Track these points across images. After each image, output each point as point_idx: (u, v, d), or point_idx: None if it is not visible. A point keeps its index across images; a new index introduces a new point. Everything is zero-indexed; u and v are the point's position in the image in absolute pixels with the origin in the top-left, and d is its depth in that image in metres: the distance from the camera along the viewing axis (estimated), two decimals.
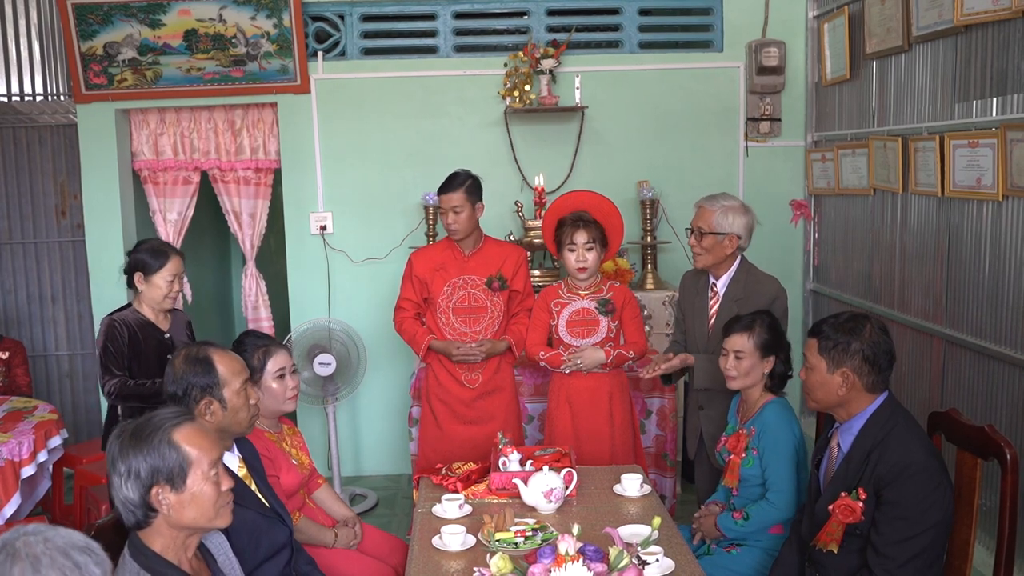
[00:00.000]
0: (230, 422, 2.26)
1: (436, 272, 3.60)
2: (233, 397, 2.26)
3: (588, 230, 3.31)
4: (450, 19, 4.80)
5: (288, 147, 4.82)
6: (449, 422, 3.65)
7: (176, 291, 3.31)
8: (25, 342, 4.90)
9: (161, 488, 1.72)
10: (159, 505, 1.72)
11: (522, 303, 3.67)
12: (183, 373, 2.23)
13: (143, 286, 3.29)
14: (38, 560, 1.26)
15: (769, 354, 2.73)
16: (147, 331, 3.30)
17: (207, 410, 2.23)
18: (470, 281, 3.60)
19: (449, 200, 3.50)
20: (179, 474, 1.73)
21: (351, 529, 2.86)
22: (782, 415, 2.68)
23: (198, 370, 2.23)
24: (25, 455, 3.54)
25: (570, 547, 1.92)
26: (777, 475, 2.61)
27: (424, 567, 2.31)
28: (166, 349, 3.30)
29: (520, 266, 3.66)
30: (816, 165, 4.59)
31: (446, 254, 3.64)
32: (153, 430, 1.74)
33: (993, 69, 3.11)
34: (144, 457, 1.71)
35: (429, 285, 3.61)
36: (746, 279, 3.10)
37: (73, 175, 4.94)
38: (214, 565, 1.92)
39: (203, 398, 2.23)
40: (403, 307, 3.67)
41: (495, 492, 2.77)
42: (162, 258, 3.27)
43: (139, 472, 1.71)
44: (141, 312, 3.33)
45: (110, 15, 4.53)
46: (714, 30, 4.81)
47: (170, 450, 1.73)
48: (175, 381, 2.23)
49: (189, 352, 2.27)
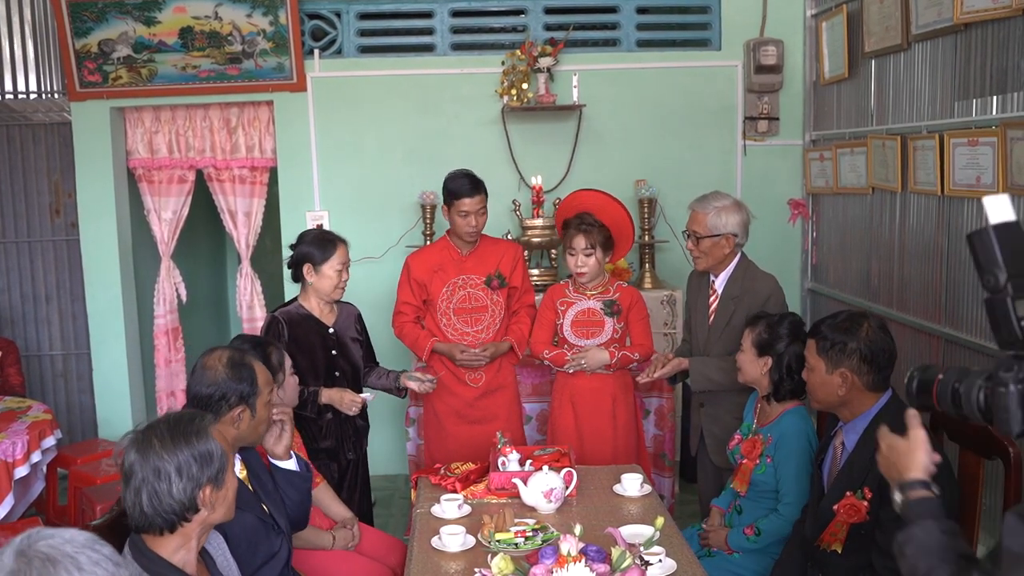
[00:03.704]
0: (250, 432, 2.22)
1: (435, 274, 3.58)
2: (262, 408, 2.23)
3: (588, 235, 3.28)
4: (447, 17, 4.78)
5: (284, 145, 4.79)
6: (452, 422, 3.63)
7: (345, 280, 3.25)
8: (18, 341, 4.87)
9: (208, 486, 1.70)
10: (204, 504, 1.70)
11: (521, 299, 3.65)
12: (225, 378, 2.16)
13: (312, 278, 3.21)
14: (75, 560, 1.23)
15: (764, 354, 2.71)
16: (310, 325, 3.24)
17: (238, 418, 2.18)
18: (469, 281, 3.58)
19: (474, 203, 3.44)
20: (221, 470, 1.71)
21: (349, 530, 2.84)
22: (800, 425, 2.65)
23: (242, 377, 2.18)
24: (19, 455, 3.51)
25: (572, 548, 1.91)
26: (789, 487, 2.58)
27: (424, 568, 2.29)
28: (331, 344, 3.27)
29: (517, 262, 3.64)
30: (814, 164, 4.58)
31: (443, 255, 3.61)
32: (198, 429, 1.71)
33: (993, 67, 3.10)
34: (193, 455, 1.68)
35: (428, 287, 3.58)
36: (743, 277, 3.09)
37: (67, 173, 4.91)
38: (213, 567, 1.90)
39: (238, 406, 2.17)
40: (403, 311, 3.62)
41: (494, 492, 2.75)
42: (330, 247, 3.21)
43: (191, 471, 1.67)
44: (305, 306, 3.27)
45: (105, 12, 4.50)
46: (712, 29, 4.80)
47: (216, 447, 1.71)
48: (212, 384, 2.16)
49: (233, 358, 2.21)
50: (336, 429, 3.25)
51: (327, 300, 3.27)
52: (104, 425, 4.94)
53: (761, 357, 2.72)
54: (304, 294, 3.29)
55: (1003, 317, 1.25)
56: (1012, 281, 1.25)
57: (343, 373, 3.29)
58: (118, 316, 4.89)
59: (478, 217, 3.48)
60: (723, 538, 2.69)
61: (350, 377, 3.32)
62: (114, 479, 3.94)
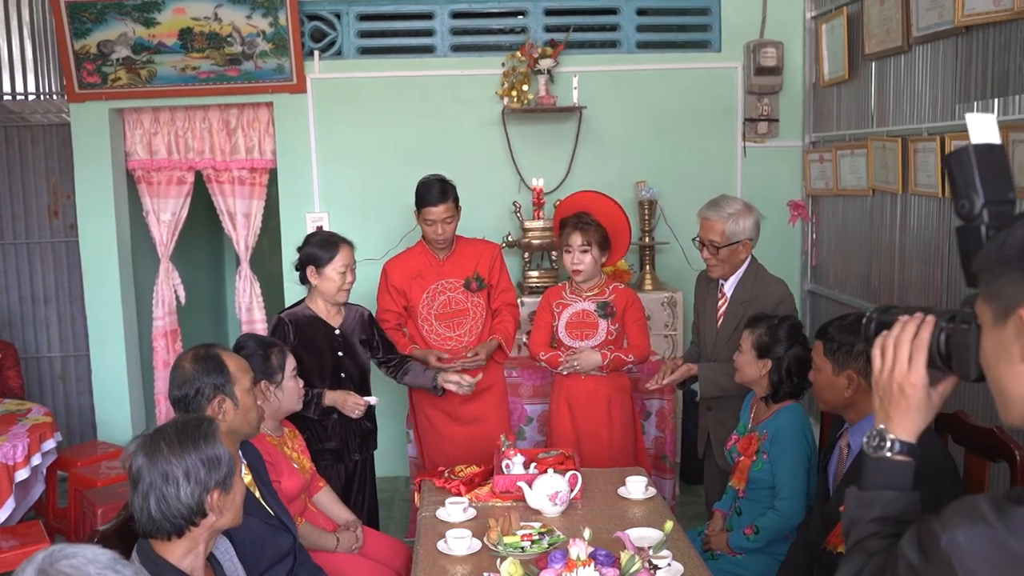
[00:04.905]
0: (240, 422, 2.22)
1: (413, 280, 3.57)
2: (244, 395, 2.23)
3: (586, 233, 3.29)
4: (447, 18, 4.77)
5: (284, 147, 4.78)
6: (445, 424, 3.63)
7: (349, 282, 3.23)
8: (17, 344, 4.84)
9: (216, 490, 1.69)
10: (212, 509, 1.69)
11: (500, 297, 3.65)
12: (193, 374, 2.18)
13: (316, 280, 3.21)
14: None
15: (764, 356, 2.72)
16: (316, 327, 3.23)
17: (220, 409, 2.19)
18: (448, 285, 3.58)
19: (439, 212, 3.44)
20: (229, 475, 1.71)
21: (352, 533, 2.84)
22: (796, 421, 2.67)
23: (209, 368, 2.19)
24: (19, 458, 3.49)
25: (582, 551, 1.91)
26: (785, 482, 2.60)
27: (430, 571, 2.29)
28: (337, 345, 3.26)
29: (495, 260, 3.64)
30: (814, 166, 4.59)
31: (420, 260, 3.60)
32: (206, 433, 1.71)
33: (994, 70, 3.10)
34: (201, 459, 1.67)
35: (407, 294, 3.57)
36: (753, 281, 3.07)
37: (66, 175, 4.89)
38: (221, 573, 1.89)
39: (216, 396, 2.19)
40: (384, 319, 3.58)
41: (499, 495, 2.75)
42: (332, 249, 3.19)
43: (198, 475, 1.66)
44: (312, 308, 3.26)
45: (104, 13, 4.48)
46: (712, 30, 4.80)
47: (224, 451, 1.70)
48: (183, 384, 2.18)
49: (197, 353, 2.23)
50: (342, 431, 3.25)
51: (332, 302, 3.26)
52: (103, 427, 4.93)
53: (761, 359, 2.73)
54: (311, 296, 3.28)
55: (975, 247, 1.12)
56: (988, 207, 1.12)
57: (349, 375, 3.29)
58: (117, 318, 4.87)
59: (444, 225, 3.46)
60: (724, 541, 2.70)
61: (357, 379, 3.31)
62: (115, 482, 3.92)
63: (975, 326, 1.12)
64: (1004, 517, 1.00)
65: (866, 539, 1.22)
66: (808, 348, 2.73)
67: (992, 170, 1.13)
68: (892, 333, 1.24)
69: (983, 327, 1.09)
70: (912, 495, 1.23)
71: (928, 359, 1.20)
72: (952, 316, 1.18)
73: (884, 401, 1.25)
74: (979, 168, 1.13)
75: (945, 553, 1.02)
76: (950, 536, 1.02)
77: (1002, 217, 1.12)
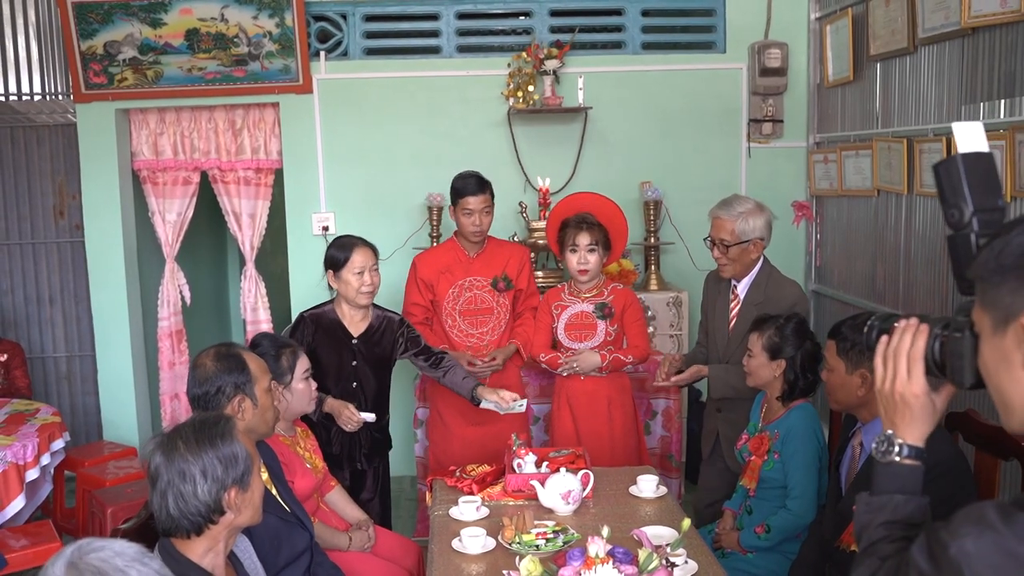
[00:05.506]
0: (258, 422, 2.24)
1: (441, 275, 3.58)
2: (263, 395, 2.25)
3: (591, 232, 3.31)
4: (453, 19, 4.78)
5: (290, 147, 4.79)
6: (457, 423, 3.64)
7: (368, 284, 3.15)
8: (23, 344, 4.85)
9: (234, 488, 1.70)
10: (230, 506, 1.70)
11: (526, 302, 3.67)
12: (215, 372, 2.20)
13: (335, 283, 3.18)
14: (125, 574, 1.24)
15: (777, 357, 2.73)
16: (335, 332, 3.20)
17: (239, 408, 2.20)
18: (476, 283, 3.59)
19: (478, 202, 3.46)
20: (247, 472, 1.72)
21: (364, 532, 2.85)
22: (806, 421, 2.68)
23: (231, 367, 2.21)
24: (30, 458, 3.50)
25: (600, 549, 1.92)
26: (797, 481, 2.61)
27: (446, 570, 2.30)
28: (352, 356, 3.21)
29: (524, 265, 3.66)
30: (818, 166, 4.61)
31: (450, 256, 3.62)
32: (223, 431, 1.72)
33: (1001, 71, 3.12)
34: (218, 457, 1.68)
35: (434, 288, 3.58)
36: (767, 283, 3.07)
37: (72, 175, 4.89)
38: (241, 570, 1.91)
39: (236, 395, 2.20)
40: (412, 312, 3.61)
41: (511, 494, 2.76)
42: (347, 250, 3.14)
43: (215, 473, 1.68)
44: (336, 311, 3.23)
45: (110, 14, 4.49)
46: (716, 31, 4.82)
47: (241, 449, 1.71)
48: (204, 381, 2.20)
49: (219, 351, 2.25)
50: (345, 438, 3.22)
51: (355, 306, 3.21)
52: (108, 427, 4.93)
53: (774, 360, 2.74)
54: (337, 299, 3.27)
55: (965, 256, 1.12)
56: (977, 216, 1.12)
57: (362, 386, 3.25)
58: (122, 318, 4.88)
59: (482, 216, 3.49)
60: (735, 539, 2.71)
61: (371, 393, 3.26)
62: (124, 481, 3.93)
63: (968, 334, 1.13)
64: (1011, 524, 1.02)
65: (877, 543, 1.24)
66: (816, 343, 2.76)
67: (980, 178, 1.14)
68: (891, 343, 1.26)
69: (982, 335, 1.11)
70: (922, 499, 1.25)
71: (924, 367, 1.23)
72: (946, 324, 1.19)
73: (888, 410, 1.28)
74: (967, 177, 1.13)
75: (955, 561, 1.04)
76: (959, 545, 1.04)
77: (992, 225, 1.13)
